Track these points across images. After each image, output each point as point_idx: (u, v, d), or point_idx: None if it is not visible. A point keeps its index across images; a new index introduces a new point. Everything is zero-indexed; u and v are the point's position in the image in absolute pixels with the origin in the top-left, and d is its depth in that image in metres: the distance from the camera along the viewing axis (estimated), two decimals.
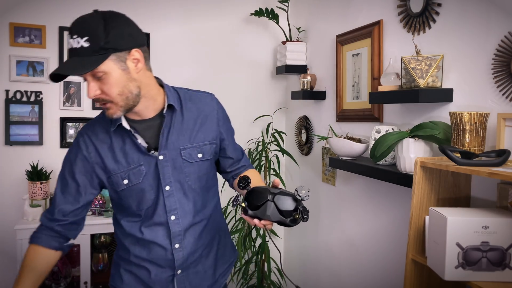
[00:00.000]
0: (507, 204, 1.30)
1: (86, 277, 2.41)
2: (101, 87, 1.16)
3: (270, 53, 3.08)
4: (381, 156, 1.64)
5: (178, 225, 1.34)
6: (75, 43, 1.12)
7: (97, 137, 1.31)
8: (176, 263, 1.35)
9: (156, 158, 1.29)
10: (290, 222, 1.12)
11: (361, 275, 2.21)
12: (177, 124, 1.32)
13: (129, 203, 1.33)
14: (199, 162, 1.35)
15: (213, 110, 1.40)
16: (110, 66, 1.15)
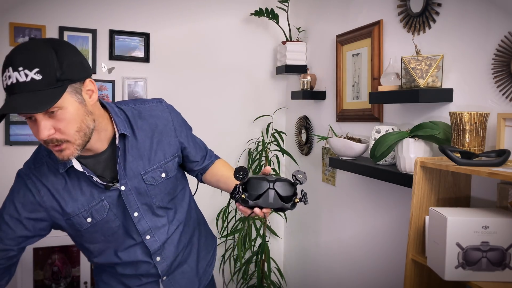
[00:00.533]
0: (507, 204, 1.30)
1: (86, 277, 2.41)
2: (55, 125, 1.01)
3: (270, 53, 3.08)
4: (381, 156, 1.64)
5: (155, 242, 1.31)
6: (22, 76, 0.95)
7: (48, 179, 1.18)
8: (161, 273, 1.35)
9: (118, 189, 1.21)
10: (291, 207, 1.13)
11: (361, 275, 2.21)
12: (132, 150, 1.22)
13: (94, 237, 1.25)
14: (164, 181, 1.29)
15: (167, 122, 1.29)
16: (67, 99, 1.01)
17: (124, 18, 2.76)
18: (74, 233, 1.26)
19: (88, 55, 2.70)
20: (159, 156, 1.26)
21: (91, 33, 2.70)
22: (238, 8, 2.99)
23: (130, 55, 2.79)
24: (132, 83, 2.80)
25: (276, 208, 1.13)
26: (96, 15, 2.71)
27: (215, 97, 2.93)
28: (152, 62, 2.84)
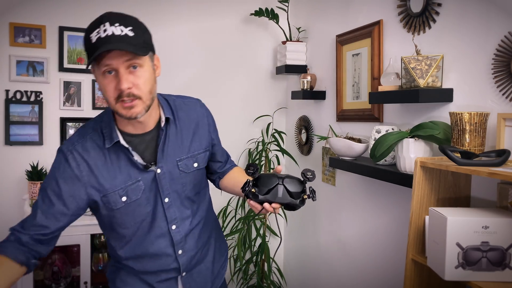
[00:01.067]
0: (507, 204, 1.30)
1: (86, 277, 2.41)
2: (134, 80, 1.12)
3: (270, 53, 3.08)
4: (381, 156, 1.64)
5: (179, 233, 1.34)
6: (118, 30, 1.08)
7: (89, 154, 1.22)
8: (181, 268, 1.37)
9: (154, 172, 1.26)
10: (299, 203, 1.17)
11: (360, 275, 2.21)
12: (172, 136, 1.30)
13: (124, 219, 1.27)
14: (195, 172, 1.35)
15: (204, 117, 1.39)
16: (147, 61, 1.15)
17: None
18: (107, 213, 1.26)
19: None
20: (194, 147, 1.34)
21: None
22: (238, 8, 2.99)
23: None
24: None
25: (285, 203, 1.17)
26: (96, 15, 2.70)
27: (215, 97, 2.93)
28: None
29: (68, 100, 2.67)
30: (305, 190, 1.19)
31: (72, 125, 2.68)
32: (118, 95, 1.11)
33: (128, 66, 1.11)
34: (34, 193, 2.45)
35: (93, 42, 1.09)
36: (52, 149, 2.64)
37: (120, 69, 1.10)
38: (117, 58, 1.09)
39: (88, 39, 1.11)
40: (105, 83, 1.12)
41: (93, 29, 1.10)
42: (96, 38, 1.08)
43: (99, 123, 1.26)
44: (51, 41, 2.62)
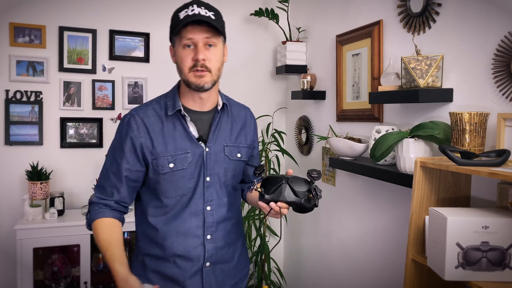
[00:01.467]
0: (507, 204, 1.30)
1: (86, 277, 2.41)
2: (208, 56, 1.29)
3: (270, 53, 3.08)
4: (381, 156, 1.64)
5: (212, 216, 1.39)
6: (203, 11, 1.28)
7: (149, 119, 1.36)
8: (206, 254, 1.39)
9: (203, 148, 1.37)
10: (304, 202, 1.21)
11: (361, 274, 2.21)
12: (224, 123, 1.44)
13: (167, 187, 1.36)
14: (237, 161, 1.45)
15: (251, 119, 1.55)
16: (220, 43, 1.34)
17: (124, 18, 2.76)
18: (154, 177, 1.37)
19: (88, 55, 2.70)
20: (239, 139, 1.47)
21: (91, 33, 2.70)
22: (238, 8, 2.99)
23: (130, 55, 2.79)
24: (132, 83, 2.80)
25: (290, 202, 1.20)
26: (96, 15, 2.71)
27: None
28: (152, 62, 2.84)
29: (68, 100, 2.67)
30: (310, 190, 1.22)
31: (72, 125, 2.68)
32: (193, 65, 1.29)
33: (205, 43, 1.29)
34: (34, 193, 2.45)
35: (181, 18, 1.28)
36: (52, 149, 2.64)
37: (199, 43, 1.29)
38: (199, 33, 1.28)
39: (176, 16, 1.31)
40: (184, 54, 1.30)
41: (182, 9, 1.30)
42: (184, 15, 1.28)
43: (163, 97, 1.42)
44: (51, 41, 2.62)
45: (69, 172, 2.67)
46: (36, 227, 2.32)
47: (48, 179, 2.50)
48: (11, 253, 2.48)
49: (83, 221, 2.40)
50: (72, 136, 2.68)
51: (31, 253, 2.30)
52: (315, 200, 1.24)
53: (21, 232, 2.29)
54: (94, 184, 2.58)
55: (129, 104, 2.78)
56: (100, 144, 2.73)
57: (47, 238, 2.35)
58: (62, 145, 2.65)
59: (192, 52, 1.29)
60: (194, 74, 1.30)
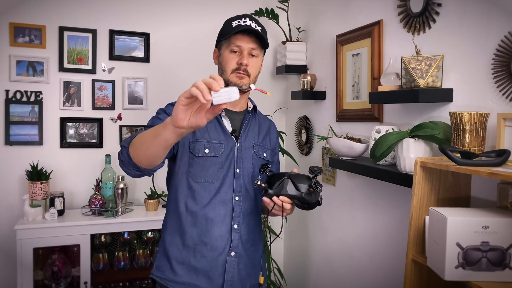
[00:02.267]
0: (507, 204, 1.30)
1: (86, 277, 2.41)
2: (250, 63, 1.46)
3: (270, 53, 3.08)
4: (381, 156, 1.64)
5: (239, 207, 1.48)
6: (254, 25, 1.45)
7: None
8: (232, 243, 1.45)
9: (234, 142, 1.50)
10: (306, 196, 1.28)
11: (361, 275, 2.21)
12: (253, 125, 1.58)
13: (197, 171, 1.45)
14: (263, 160, 1.56)
15: (274, 128, 1.70)
16: (261, 55, 1.52)
17: (124, 18, 2.76)
18: (187, 161, 1.46)
19: (88, 55, 2.70)
20: (265, 141, 1.61)
21: (91, 33, 2.70)
22: (238, 8, 2.99)
23: (130, 55, 2.79)
24: (132, 83, 2.80)
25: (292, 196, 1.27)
26: (96, 15, 2.71)
27: None
28: (152, 62, 2.84)
29: (68, 100, 2.67)
30: (311, 185, 1.28)
31: (72, 125, 2.68)
32: (237, 68, 1.45)
33: (250, 52, 1.47)
34: (34, 193, 2.45)
35: (233, 26, 1.45)
36: (52, 149, 2.64)
37: (245, 51, 1.46)
38: (247, 42, 1.46)
39: (229, 24, 1.48)
40: (230, 57, 1.46)
41: (235, 19, 1.48)
42: (236, 25, 1.45)
43: None
44: (51, 41, 2.62)
45: (69, 172, 2.67)
46: (36, 227, 2.32)
47: (48, 179, 2.50)
48: (11, 253, 2.48)
49: (83, 221, 2.41)
50: (72, 136, 2.68)
51: (31, 253, 2.30)
52: (317, 196, 1.30)
53: (21, 232, 2.29)
54: (94, 184, 2.59)
55: (129, 104, 2.78)
56: (100, 144, 2.73)
57: (47, 238, 2.35)
58: (62, 145, 2.65)
59: (237, 57, 1.46)
60: (236, 75, 1.45)
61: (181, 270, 1.45)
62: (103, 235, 2.58)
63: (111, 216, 2.47)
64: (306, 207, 1.32)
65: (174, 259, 1.46)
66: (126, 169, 1.28)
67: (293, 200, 1.30)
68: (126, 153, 1.24)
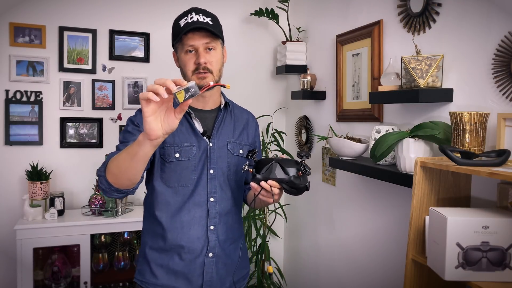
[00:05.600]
0: (507, 204, 1.30)
1: (86, 277, 2.41)
2: (209, 59, 1.40)
3: (270, 53, 3.08)
4: (381, 156, 1.64)
5: (215, 208, 1.45)
6: (201, 18, 1.39)
7: None
8: (209, 244, 1.43)
9: (207, 143, 1.45)
10: (294, 180, 1.25)
11: (361, 275, 2.21)
12: (227, 122, 1.52)
13: (170, 176, 1.43)
14: (239, 157, 1.51)
15: (253, 121, 1.63)
16: (219, 47, 1.44)
17: (124, 18, 2.76)
18: (160, 166, 1.44)
19: (88, 55, 2.70)
20: (242, 138, 1.55)
21: (91, 33, 2.70)
22: (238, 8, 2.99)
23: (130, 55, 2.79)
24: (132, 83, 2.80)
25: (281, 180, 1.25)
26: (96, 15, 2.71)
27: None
28: (152, 62, 2.84)
29: (68, 100, 2.67)
30: (300, 169, 1.27)
31: (72, 125, 2.68)
32: (196, 68, 1.39)
33: (205, 47, 1.39)
34: (34, 193, 2.45)
35: (182, 26, 1.39)
36: (52, 149, 2.64)
37: (200, 48, 1.39)
38: (199, 39, 1.38)
39: (177, 24, 1.42)
40: (186, 59, 1.41)
41: (182, 17, 1.41)
42: (184, 23, 1.39)
43: None
44: (51, 41, 2.62)
45: (69, 172, 2.67)
46: (36, 227, 2.32)
47: (48, 179, 2.50)
48: (11, 253, 2.48)
49: (83, 221, 2.41)
50: (72, 136, 2.68)
51: (31, 253, 2.30)
52: (305, 180, 1.28)
53: (21, 232, 2.29)
54: (94, 184, 2.58)
55: (129, 104, 2.78)
56: (100, 144, 2.73)
57: (47, 238, 2.35)
58: (62, 145, 2.65)
59: (194, 56, 1.40)
60: (197, 76, 1.39)
61: (160, 273, 1.44)
62: (103, 235, 2.58)
63: (111, 216, 2.47)
64: (295, 191, 1.30)
65: (153, 263, 1.45)
66: (108, 195, 1.30)
67: (282, 184, 1.27)
68: (106, 181, 1.24)
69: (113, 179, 1.23)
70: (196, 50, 1.40)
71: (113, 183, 1.24)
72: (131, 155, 1.15)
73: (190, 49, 1.40)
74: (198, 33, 1.38)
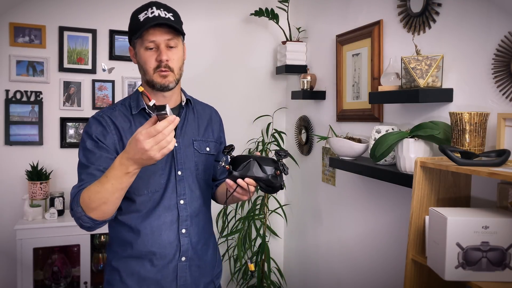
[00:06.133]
0: (507, 204, 1.30)
1: (86, 277, 2.41)
2: (170, 56, 1.35)
3: (270, 53, 3.08)
4: (381, 156, 1.64)
5: (185, 210, 1.41)
6: (162, 13, 1.33)
7: (117, 119, 1.39)
8: (181, 248, 1.39)
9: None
10: (272, 178, 1.24)
11: (361, 275, 2.21)
12: (191, 120, 1.48)
13: (138, 184, 1.35)
14: (207, 155, 1.49)
15: (216, 115, 1.60)
16: (181, 44, 1.39)
17: (124, 18, 2.74)
18: None
19: (88, 55, 2.70)
20: (207, 134, 1.52)
21: (91, 33, 2.70)
22: (238, 8, 2.99)
23: None
24: (132, 83, 2.80)
25: (258, 178, 1.23)
26: (96, 15, 2.71)
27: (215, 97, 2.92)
28: None
29: (68, 100, 2.67)
30: (278, 167, 1.25)
31: (72, 125, 2.68)
32: (157, 66, 1.34)
33: (167, 44, 1.34)
34: (34, 193, 2.45)
35: (141, 20, 1.32)
36: (52, 149, 2.64)
37: (161, 45, 1.34)
38: (160, 35, 1.32)
39: (136, 18, 1.34)
40: (147, 56, 1.34)
41: (141, 11, 1.34)
42: (144, 18, 1.32)
43: (127, 99, 1.46)
44: (51, 41, 2.62)
45: (69, 172, 2.67)
46: (36, 227, 2.32)
47: (48, 179, 2.50)
48: (11, 253, 2.48)
49: None
50: (72, 136, 2.68)
51: (31, 253, 2.30)
52: (281, 179, 1.27)
53: (21, 232, 2.30)
54: None
55: None
56: None
57: (47, 238, 2.35)
58: (62, 145, 2.65)
59: (155, 53, 1.34)
60: (159, 74, 1.34)
61: (131, 281, 1.38)
62: (103, 235, 2.58)
63: None
64: (270, 190, 1.28)
65: (123, 272, 1.39)
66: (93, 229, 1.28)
67: (258, 182, 1.25)
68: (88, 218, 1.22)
69: (97, 214, 1.21)
70: (157, 47, 1.34)
71: (97, 218, 1.22)
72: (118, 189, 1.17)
73: (151, 46, 1.33)
74: (160, 29, 1.32)
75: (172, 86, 1.37)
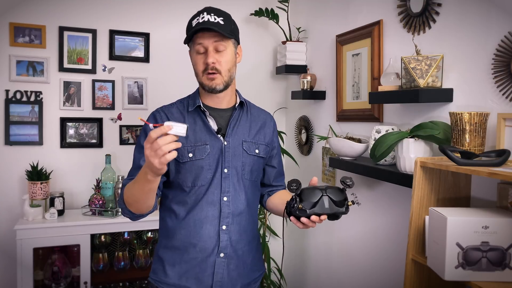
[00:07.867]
0: (507, 204, 1.30)
1: (86, 277, 2.41)
2: (218, 58, 1.40)
3: (270, 53, 3.08)
4: (381, 156, 1.64)
5: (228, 207, 1.44)
6: (212, 18, 1.39)
7: (172, 115, 1.48)
8: (220, 244, 1.43)
9: (221, 141, 1.45)
10: (346, 210, 1.22)
11: (361, 275, 2.21)
12: (243, 121, 1.52)
13: (186, 177, 1.44)
14: (255, 157, 1.51)
15: (271, 121, 1.63)
16: (230, 47, 1.43)
17: (124, 18, 2.76)
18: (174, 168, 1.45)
19: (88, 55, 2.70)
20: (258, 137, 1.54)
21: (91, 33, 2.70)
22: (238, 8, 2.99)
23: (130, 55, 2.78)
24: (132, 83, 2.80)
25: (331, 213, 1.20)
26: (96, 15, 2.71)
27: None
28: (152, 62, 2.84)
29: (68, 100, 2.67)
30: (347, 197, 1.24)
31: (72, 125, 2.68)
32: (205, 68, 1.40)
33: (215, 47, 1.39)
34: (34, 193, 2.45)
35: (193, 25, 1.40)
36: (52, 149, 2.64)
37: (209, 47, 1.40)
38: (208, 38, 1.39)
39: (190, 24, 1.44)
40: (197, 59, 1.42)
41: (194, 17, 1.42)
42: (196, 23, 1.40)
43: (186, 98, 1.54)
44: (51, 41, 2.62)
45: (69, 172, 2.67)
46: (36, 227, 2.32)
47: (48, 179, 2.50)
48: (11, 253, 2.48)
49: (83, 221, 2.41)
50: (72, 136, 2.68)
51: (31, 253, 2.30)
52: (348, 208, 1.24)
53: (21, 232, 2.29)
54: (94, 184, 2.58)
55: (129, 104, 2.78)
56: (100, 144, 2.73)
57: (47, 238, 2.35)
58: (62, 145, 2.65)
59: (204, 56, 1.41)
60: (207, 77, 1.40)
61: (172, 271, 1.45)
62: (103, 235, 2.58)
63: (111, 216, 2.47)
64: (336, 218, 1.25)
65: (166, 261, 1.47)
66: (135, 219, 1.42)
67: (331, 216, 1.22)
68: (128, 211, 1.37)
69: (134, 208, 1.35)
70: (206, 50, 1.40)
71: (135, 211, 1.36)
72: (144, 191, 1.27)
73: (201, 50, 1.41)
74: (208, 33, 1.39)
75: (219, 88, 1.42)
